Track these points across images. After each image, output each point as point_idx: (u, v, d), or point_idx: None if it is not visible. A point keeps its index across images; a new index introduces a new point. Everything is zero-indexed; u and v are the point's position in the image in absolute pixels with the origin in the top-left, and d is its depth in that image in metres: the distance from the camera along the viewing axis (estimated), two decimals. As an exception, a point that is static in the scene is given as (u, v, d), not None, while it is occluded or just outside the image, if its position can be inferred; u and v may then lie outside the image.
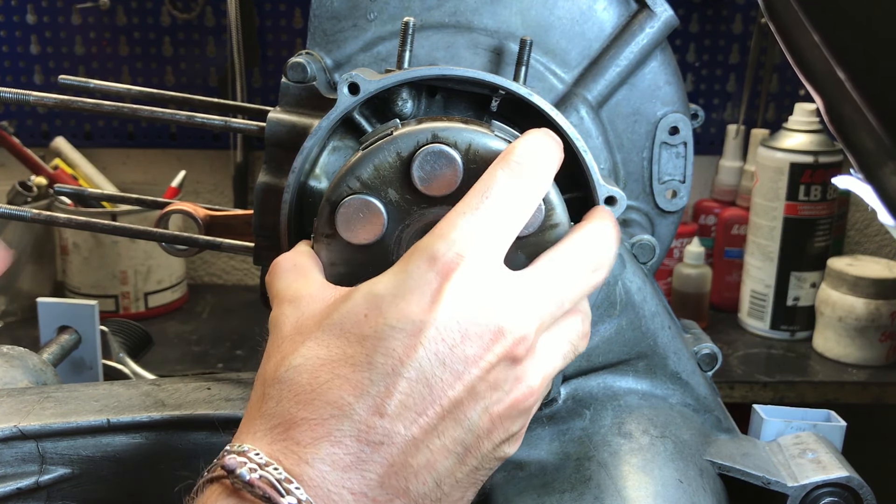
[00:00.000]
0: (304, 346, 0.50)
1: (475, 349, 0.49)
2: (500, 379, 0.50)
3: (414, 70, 0.59)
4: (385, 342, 0.48)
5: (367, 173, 0.56)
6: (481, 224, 0.51)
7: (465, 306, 0.49)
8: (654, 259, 0.68)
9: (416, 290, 0.49)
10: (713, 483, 0.63)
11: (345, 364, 0.48)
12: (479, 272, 0.50)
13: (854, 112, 0.45)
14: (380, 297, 0.50)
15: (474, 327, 0.49)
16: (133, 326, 1.23)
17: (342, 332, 0.49)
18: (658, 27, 0.69)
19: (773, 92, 2.14)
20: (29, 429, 0.64)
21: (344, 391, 0.47)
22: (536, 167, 0.54)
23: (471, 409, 0.49)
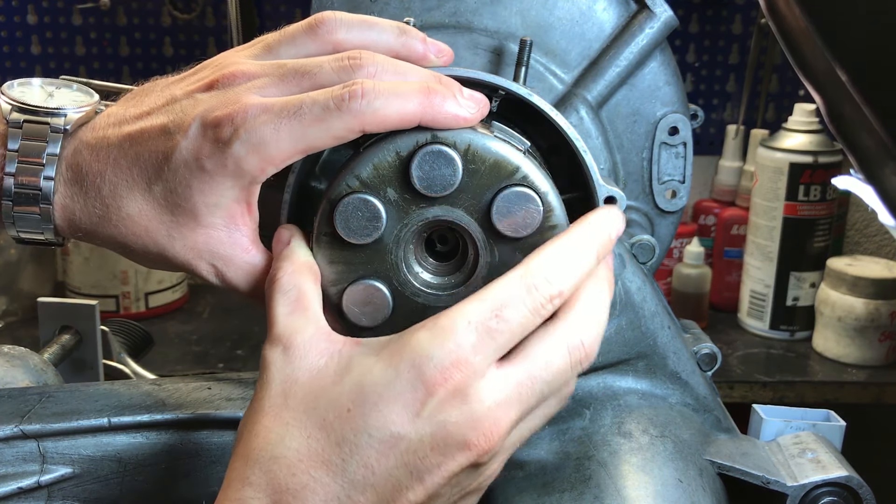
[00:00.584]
0: (287, 432, 0.51)
1: (442, 459, 0.51)
2: (461, 481, 0.52)
3: (414, 70, 0.59)
4: (361, 450, 0.50)
5: (367, 172, 0.56)
6: (482, 338, 0.51)
7: (441, 424, 0.50)
8: (654, 259, 0.68)
9: (400, 397, 0.50)
10: (713, 482, 0.63)
11: (321, 465, 0.50)
12: (463, 389, 0.50)
13: (854, 112, 0.45)
14: (366, 394, 0.51)
15: (445, 440, 0.50)
16: (134, 326, 1.23)
17: (324, 424, 0.51)
18: (658, 28, 0.69)
19: (772, 92, 2.14)
20: (30, 428, 0.64)
21: (317, 497, 0.50)
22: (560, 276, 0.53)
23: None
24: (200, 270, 0.60)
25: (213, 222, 0.59)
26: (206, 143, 0.57)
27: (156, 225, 0.59)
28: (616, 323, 0.66)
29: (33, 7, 2.07)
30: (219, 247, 0.59)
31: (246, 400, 0.68)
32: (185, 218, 0.59)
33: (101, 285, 1.94)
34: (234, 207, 0.59)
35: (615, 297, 0.65)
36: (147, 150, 0.59)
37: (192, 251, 0.59)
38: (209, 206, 0.58)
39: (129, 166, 0.59)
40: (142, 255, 0.61)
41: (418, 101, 0.55)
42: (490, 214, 0.55)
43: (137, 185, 0.59)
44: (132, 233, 0.60)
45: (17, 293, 1.94)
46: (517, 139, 0.57)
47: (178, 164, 0.57)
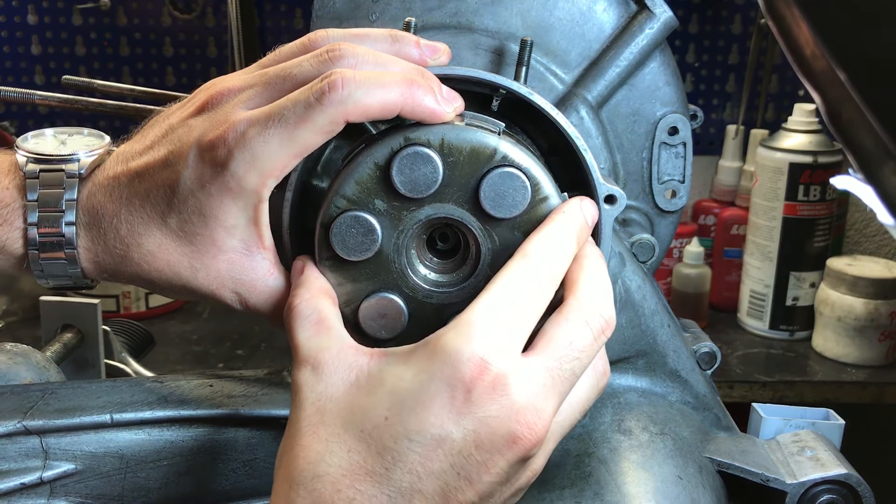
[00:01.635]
0: (327, 449, 0.51)
1: (489, 457, 0.50)
2: (510, 477, 0.52)
3: (415, 70, 0.59)
4: (404, 456, 0.50)
5: (351, 189, 0.57)
6: (502, 321, 0.52)
7: (484, 420, 0.50)
8: (654, 258, 0.69)
9: (438, 398, 0.50)
10: (712, 480, 0.63)
11: (364, 476, 0.50)
12: (501, 380, 0.51)
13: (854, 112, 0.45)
14: (401, 401, 0.51)
15: (490, 437, 0.50)
16: (135, 326, 1.23)
17: (363, 435, 0.51)
18: (657, 28, 0.69)
19: (772, 92, 2.14)
20: (33, 425, 0.64)
21: None
22: (552, 256, 0.54)
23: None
24: (225, 299, 0.61)
25: (233, 246, 0.59)
26: (205, 168, 0.57)
27: (177, 257, 0.60)
28: (616, 321, 0.66)
29: (33, 7, 2.07)
30: (241, 273, 0.60)
31: (248, 397, 0.68)
32: (204, 246, 0.59)
33: (101, 285, 1.93)
34: (250, 230, 0.59)
35: (615, 295, 0.66)
36: (154, 185, 0.59)
37: (215, 280, 0.60)
38: (227, 230, 0.58)
39: (141, 203, 0.59)
40: (167, 288, 0.61)
41: (399, 91, 0.55)
42: (480, 201, 0.56)
43: (153, 221, 0.59)
44: (155, 269, 0.60)
45: (18, 293, 1.94)
46: (490, 122, 0.57)
47: (186, 194, 0.58)
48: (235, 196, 0.57)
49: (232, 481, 0.67)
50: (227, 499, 0.67)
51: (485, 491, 0.51)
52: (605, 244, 0.60)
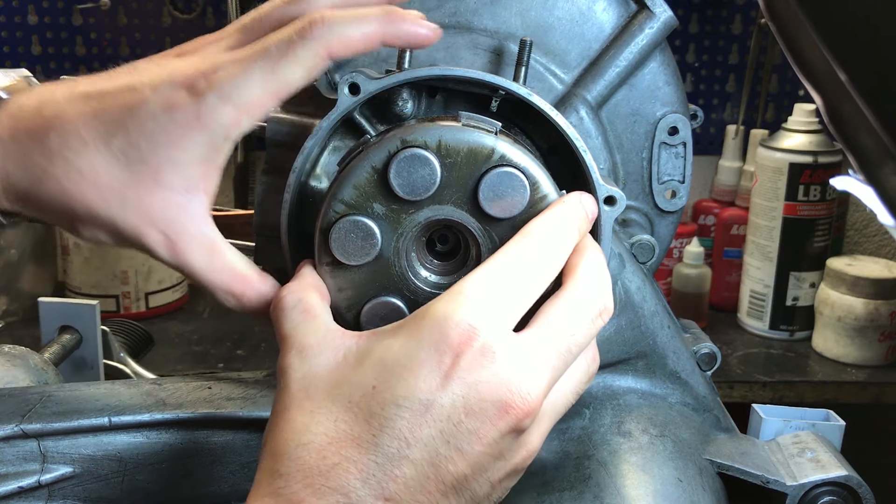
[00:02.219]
0: (313, 419, 0.50)
1: (480, 424, 0.49)
2: (503, 450, 0.50)
3: (414, 70, 0.59)
4: (391, 422, 0.49)
5: (349, 194, 0.56)
6: (495, 293, 0.51)
7: (473, 385, 0.49)
8: (654, 259, 0.68)
9: (426, 364, 0.49)
10: (712, 482, 0.63)
11: (352, 444, 0.49)
12: (490, 345, 0.50)
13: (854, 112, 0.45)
14: (389, 368, 0.50)
15: (480, 403, 0.49)
16: (134, 326, 1.23)
17: (350, 405, 0.50)
18: (657, 28, 0.69)
19: (772, 92, 2.14)
20: (30, 428, 0.64)
21: (350, 476, 0.48)
22: (552, 240, 0.54)
23: (473, 481, 0.50)
24: (149, 240, 0.57)
25: (172, 183, 0.56)
26: (178, 95, 0.55)
27: (108, 182, 0.56)
28: (616, 322, 0.66)
29: (33, 7, 2.07)
30: (175, 213, 0.57)
31: (246, 399, 0.68)
32: (142, 176, 0.56)
33: (101, 285, 1.94)
34: (198, 170, 0.57)
35: (615, 296, 0.65)
36: (108, 106, 0.56)
37: (143, 216, 0.56)
38: (172, 163, 0.56)
39: (84, 122, 0.56)
40: (85, 219, 0.57)
41: (378, 21, 0.56)
42: (479, 202, 0.55)
43: (93, 140, 0.56)
44: (79, 191, 0.56)
45: (18, 293, 1.94)
46: (487, 122, 0.57)
47: (145, 118, 0.55)
48: (202, 128, 0.55)
49: (230, 484, 0.67)
50: (226, 501, 0.67)
51: (477, 462, 0.49)
52: (605, 245, 0.60)
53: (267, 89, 0.55)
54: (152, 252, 0.58)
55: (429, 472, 0.48)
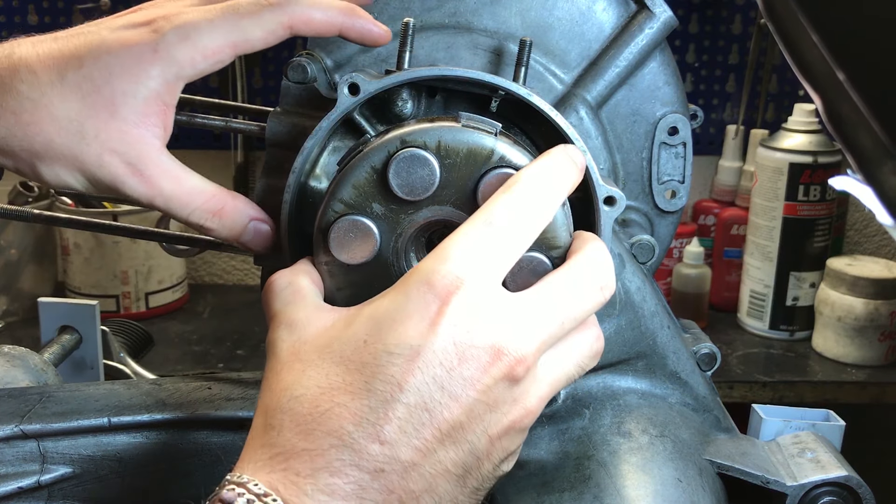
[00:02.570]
0: (304, 374, 0.50)
1: (473, 371, 0.49)
2: (498, 400, 0.50)
3: (414, 70, 0.59)
4: (383, 368, 0.48)
5: (348, 193, 0.56)
6: (481, 246, 0.51)
7: (463, 329, 0.49)
8: (654, 259, 0.68)
9: (415, 313, 0.49)
10: (712, 482, 0.63)
11: (344, 392, 0.49)
12: (478, 294, 0.50)
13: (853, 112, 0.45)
14: (379, 321, 0.50)
15: (472, 349, 0.49)
16: (134, 326, 1.23)
17: (342, 360, 0.50)
18: (657, 28, 0.69)
19: (772, 92, 2.14)
20: (30, 428, 0.64)
21: (343, 420, 0.48)
22: (539, 192, 0.54)
23: (470, 431, 0.49)
24: (115, 170, 0.57)
25: (126, 116, 0.57)
26: (136, 31, 0.57)
27: (64, 113, 0.56)
28: (616, 322, 0.66)
29: (34, 7, 2.07)
30: (133, 143, 0.57)
31: (246, 399, 0.68)
32: (97, 107, 0.56)
33: (101, 285, 1.94)
34: (152, 106, 0.57)
35: (615, 296, 0.66)
36: (63, 45, 0.57)
37: (103, 146, 0.57)
38: (126, 95, 0.56)
39: (40, 59, 0.57)
40: (45, 155, 0.57)
41: (340, 11, 0.61)
42: (478, 202, 0.55)
43: (46, 74, 0.57)
44: (35, 122, 0.56)
45: (18, 293, 1.94)
46: (487, 123, 0.57)
47: (100, 51, 0.56)
48: (158, 60, 0.56)
49: (230, 484, 0.67)
50: (226, 501, 0.67)
51: (472, 410, 0.49)
52: (605, 245, 0.60)
53: (227, 39, 0.58)
54: (121, 186, 0.58)
55: (423, 417, 0.48)
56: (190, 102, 0.82)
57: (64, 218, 0.83)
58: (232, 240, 0.62)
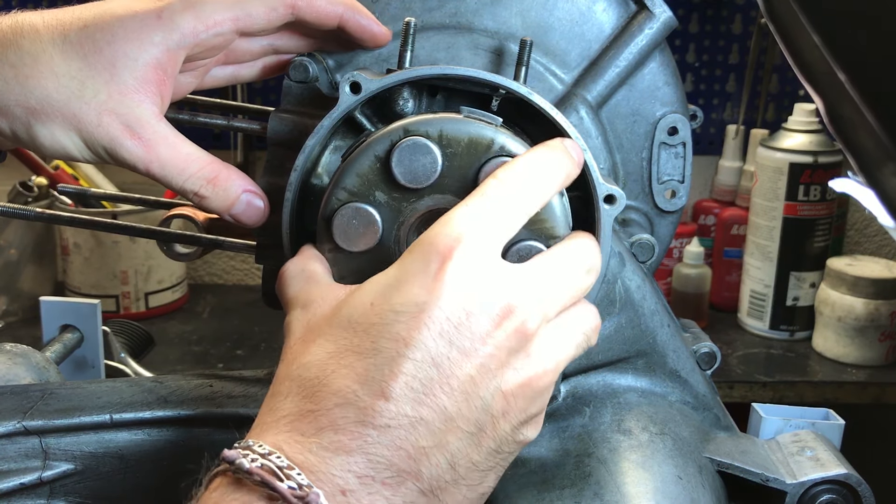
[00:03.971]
0: (314, 343, 0.50)
1: (484, 326, 0.49)
2: (511, 355, 0.50)
3: (415, 69, 0.59)
4: (389, 327, 0.48)
5: (352, 182, 0.57)
6: (480, 212, 0.52)
7: (468, 285, 0.49)
8: (654, 258, 0.69)
9: (419, 273, 0.50)
10: (712, 480, 0.63)
11: (351, 353, 0.49)
12: (479, 253, 0.50)
13: (854, 113, 0.45)
14: (385, 286, 0.50)
15: (480, 305, 0.49)
16: (135, 327, 1.23)
17: (350, 324, 0.50)
18: (657, 28, 0.69)
19: (772, 92, 2.14)
20: (32, 425, 0.64)
21: (349, 379, 0.48)
22: (537, 172, 0.54)
23: (482, 387, 0.49)
24: (112, 129, 0.58)
25: (125, 79, 0.57)
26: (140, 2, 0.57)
27: (64, 70, 0.57)
28: (616, 321, 0.66)
29: (33, 7, 2.06)
30: (132, 106, 0.57)
31: (247, 397, 0.68)
32: (98, 67, 0.57)
33: (101, 285, 1.94)
34: (151, 72, 0.58)
35: (615, 295, 0.66)
36: (67, 12, 0.58)
37: (102, 105, 0.57)
38: (127, 58, 0.57)
39: (43, 21, 0.57)
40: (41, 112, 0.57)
41: (344, 5, 0.61)
42: None
43: (48, 33, 0.57)
44: (34, 76, 0.56)
45: (18, 293, 1.94)
46: (488, 117, 0.58)
47: (107, 15, 0.57)
48: (161, 27, 0.57)
49: (232, 481, 0.67)
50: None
51: (483, 364, 0.49)
52: (605, 244, 0.60)
53: (230, 13, 0.58)
54: (119, 148, 0.58)
55: (432, 372, 0.48)
56: (191, 102, 0.82)
57: (64, 217, 0.83)
58: (224, 210, 0.62)
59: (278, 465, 0.46)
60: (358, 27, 0.63)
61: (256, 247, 0.70)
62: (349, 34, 0.63)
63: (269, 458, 0.46)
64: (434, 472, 0.48)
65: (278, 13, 0.60)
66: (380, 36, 0.64)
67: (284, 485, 0.45)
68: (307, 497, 0.44)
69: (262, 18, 0.60)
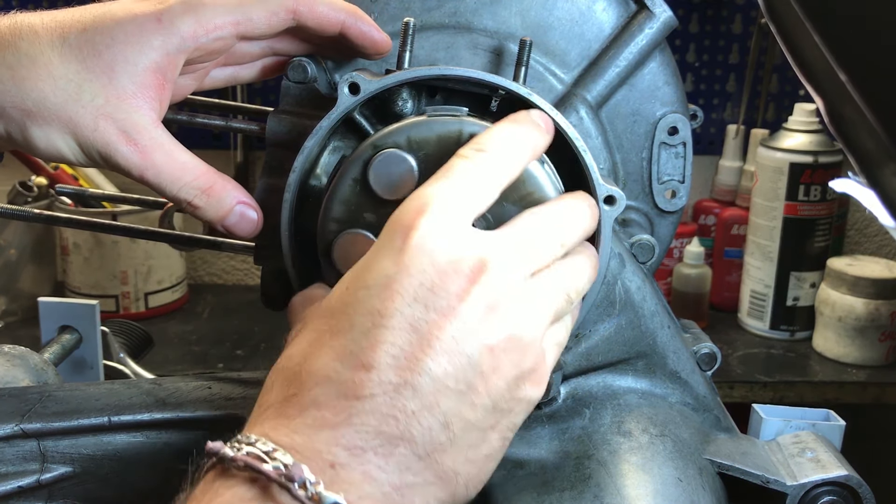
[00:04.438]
0: (299, 336, 0.51)
1: (459, 283, 0.48)
2: (491, 309, 0.49)
3: (414, 70, 0.59)
4: (363, 303, 0.48)
5: (339, 211, 0.58)
6: (442, 187, 0.51)
7: (436, 248, 0.49)
8: (654, 259, 0.68)
9: (386, 247, 0.49)
10: (712, 481, 0.63)
11: (329, 335, 0.49)
12: (445, 220, 0.50)
13: (854, 113, 0.45)
14: (357, 269, 0.51)
15: (452, 264, 0.49)
16: (134, 327, 1.23)
17: (329, 312, 0.50)
18: (657, 28, 0.69)
19: (772, 92, 2.14)
20: (30, 427, 0.64)
21: (328, 357, 0.48)
22: (501, 145, 0.54)
23: (465, 344, 0.48)
24: (109, 134, 0.57)
25: (124, 84, 0.57)
26: (143, 2, 0.57)
27: (62, 72, 0.56)
28: (616, 322, 0.66)
29: (33, 7, 2.06)
30: (129, 111, 0.57)
31: (246, 398, 0.68)
32: (96, 71, 0.56)
33: (100, 285, 1.94)
34: (150, 77, 0.57)
35: (615, 296, 0.66)
36: (67, 14, 0.58)
37: (99, 110, 0.57)
38: (126, 62, 0.56)
39: (42, 23, 0.57)
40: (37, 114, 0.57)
41: (346, 11, 0.61)
42: None
43: (48, 35, 0.57)
44: (32, 78, 0.56)
45: (17, 293, 1.94)
46: (452, 110, 0.58)
47: (106, 18, 0.57)
48: (160, 30, 0.57)
49: (230, 483, 0.67)
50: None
51: (462, 320, 0.48)
52: (605, 245, 0.60)
53: (231, 17, 0.58)
54: (114, 153, 0.57)
55: (411, 337, 0.47)
56: (190, 102, 0.82)
57: (64, 217, 0.83)
58: (217, 221, 0.62)
59: (263, 450, 0.45)
60: (359, 34, 0.63)
61: (255, 248, 0.70)
62: (350, 41, 0.63)
63: (254, 446, 0.46)
64: (427, 434, 0.47)
65: (279, 18, 0.60)
66: (380, 43, 0.64)
67: (269, 465, 0.44)
68: (290, 474, 0.44)
69: (263, 23, 0.60)
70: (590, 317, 0.65)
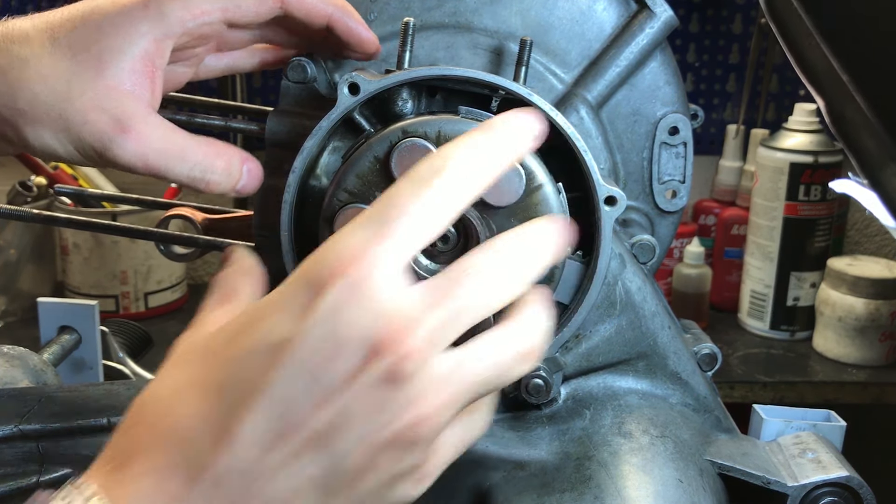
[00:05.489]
0: (169, 373, 0.47)
1: (348, 367, 0.43)
2: (381, 402, 0.43)
3: (414, 70, 0.59)
4: (247, 365, 0.44)
5: (352, 183, 0.58)
6: (369, 236, 0.44)
7: (338, 319, 0.43)
8: (654, 259, 0.68)
9: (286, 306, 0.44)
10: (713, 483, 0.63)
11: (197, 389, 0.44)
12: (364, 280, 0.43)
13: (856, 113, 0.45)
14: (253, 317, 0.46)
15: (349, 342, 0.43)
16: (134, 327, 1.23)
17: (209, 355, 0.46)
18: (658, 27, 0.69)
19: (773, 92, 2.14)
20: (29, 429, 0.64)
21: (189, 419, 0.44)
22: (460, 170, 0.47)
23: (341, 437, 0.43)
24: (101, 126, 0.56)
25: (114, 73, 0.56)
26: None
27: (52, 71, 0.56)
28: (616, 323, 0.66)
29: (33, 8, 2.06)
30: (121, 99, 0.56)
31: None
32: (86, 64, 0.56)
33: (100, 285, 1.94)
34: (140, 65, 0.57)
35: (615, 296, 0.66)
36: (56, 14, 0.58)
37: (89, 103, 0.56)
38: (115, 52, 0.56)
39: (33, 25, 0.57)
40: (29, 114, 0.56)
41: (335, 6, 0.61)
42: None
43: (38, 35, 0.57)
44: (23, 78, 0.56)
45: (17, 293, 1.94)
46: (485, 116, 0.59)
47: (94, 13, 0.57)
48: (148, 17, 0.56)
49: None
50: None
51: (346, 410, 0.43)
52: (605, 245, 0.60)
53: (219, 3, 0.58)
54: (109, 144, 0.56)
55: (279, 420, 0.43)
56: (189, 102, 0.82)
57: (63, 218, 0.83)
58: (231, 189, 0.61)
59: None
60: (346, 30, 0.62)
61: (255, 248, 0.69)
62: (337, 36, 0.63)
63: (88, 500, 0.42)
64: None
65: (267, 6, 0.60)
66: (367, 42, 0.63)
67: None
68: None
69: (250, 10, 0.60)
70: (590, 317, 0.65)
